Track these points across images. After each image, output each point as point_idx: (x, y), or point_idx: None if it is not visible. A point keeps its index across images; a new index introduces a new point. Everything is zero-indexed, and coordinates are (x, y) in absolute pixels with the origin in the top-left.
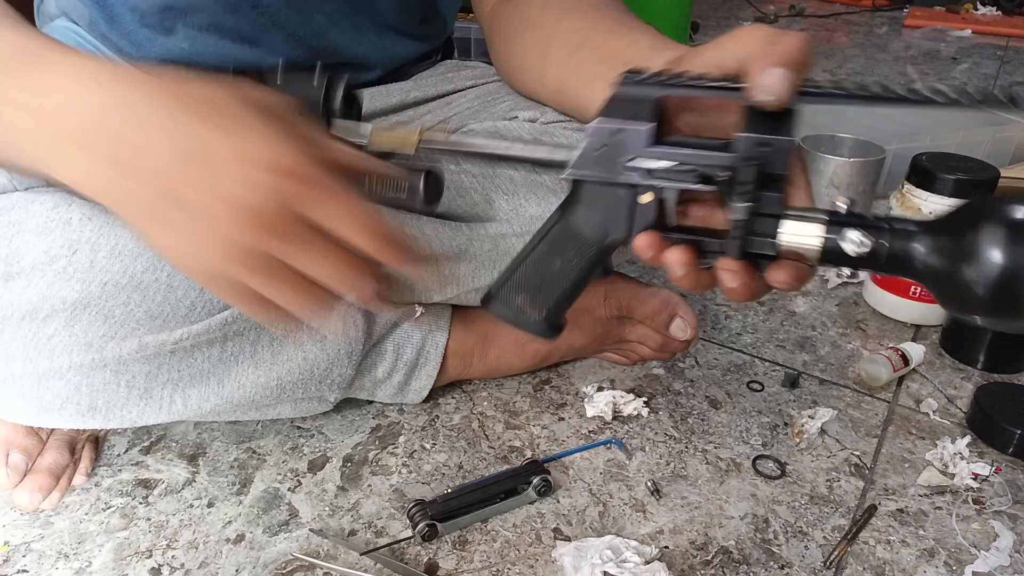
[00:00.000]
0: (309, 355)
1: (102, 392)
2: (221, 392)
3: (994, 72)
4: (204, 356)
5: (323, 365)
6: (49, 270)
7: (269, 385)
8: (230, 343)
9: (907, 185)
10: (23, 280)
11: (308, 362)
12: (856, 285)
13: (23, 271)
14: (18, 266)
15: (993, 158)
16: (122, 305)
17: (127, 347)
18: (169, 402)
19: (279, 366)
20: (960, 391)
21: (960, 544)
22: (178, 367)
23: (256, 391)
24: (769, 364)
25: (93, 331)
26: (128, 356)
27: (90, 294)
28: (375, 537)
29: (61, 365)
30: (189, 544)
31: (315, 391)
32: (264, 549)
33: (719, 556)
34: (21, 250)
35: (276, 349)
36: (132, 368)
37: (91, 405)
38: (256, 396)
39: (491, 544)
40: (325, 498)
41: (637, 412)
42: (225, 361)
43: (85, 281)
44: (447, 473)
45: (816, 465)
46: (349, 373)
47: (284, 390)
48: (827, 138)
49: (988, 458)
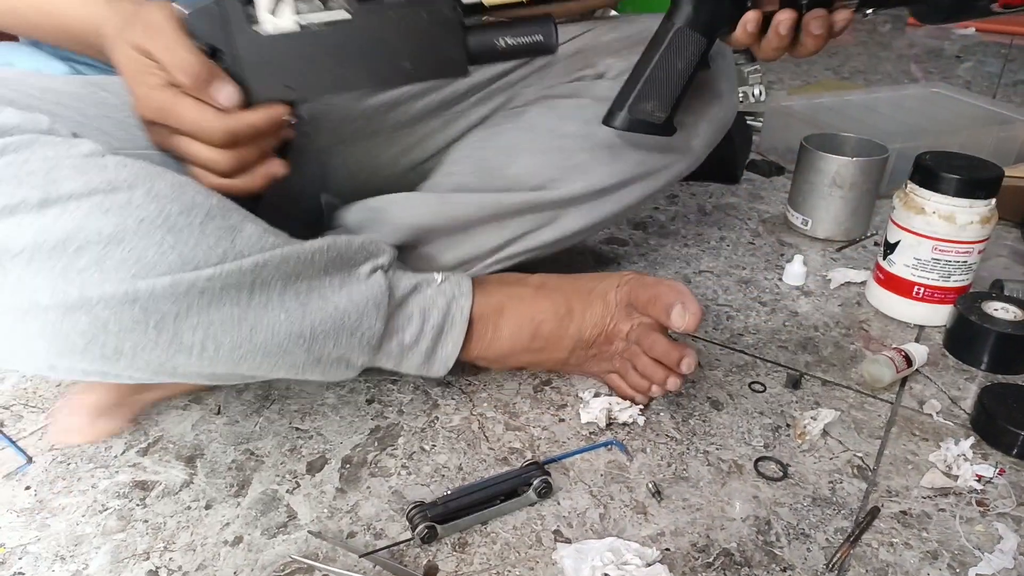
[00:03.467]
0: (340, 304)
1: (130, 332)
2: (254, 339)
3: (998, 70)
4: (233, 301)
5: (353, 316)
6: (86, 202)
7: (302, 334)
8: (257, 292)
9: (910, 184)
10: (58, 208)
11: (338, 311)
12: (859, 286)
13: (60, 199)
14: (55, 194)
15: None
16: (156, 245)
17: (159, 283)
18: (200, 347)
19: (309, 315)
20: (964, 392)
21: (964, 546)
22: (207, 309)
23: (288, 340)
24: (771, 365)
25: (125, 269)
26: (160, 292)
27: (126, 229)
28: (374, 539)
29: (91, 296)
30: (187, 546)
31: (345, 346)
32: (262, 551)
33: (721, 558)
34: (59, 180)
35: (304, 300)
36: (162, 306)
37: (117, 347)
38: (287, 345)
39: (491, 546)
40: (324, 500)
41: (632, 420)
42: (255, 307)
43: (122, 215)
44: (447, 475)
45: (818, 467)
46: (379, 327)
47: (316, 340)
48: (830, 137)
49: (992, 460)
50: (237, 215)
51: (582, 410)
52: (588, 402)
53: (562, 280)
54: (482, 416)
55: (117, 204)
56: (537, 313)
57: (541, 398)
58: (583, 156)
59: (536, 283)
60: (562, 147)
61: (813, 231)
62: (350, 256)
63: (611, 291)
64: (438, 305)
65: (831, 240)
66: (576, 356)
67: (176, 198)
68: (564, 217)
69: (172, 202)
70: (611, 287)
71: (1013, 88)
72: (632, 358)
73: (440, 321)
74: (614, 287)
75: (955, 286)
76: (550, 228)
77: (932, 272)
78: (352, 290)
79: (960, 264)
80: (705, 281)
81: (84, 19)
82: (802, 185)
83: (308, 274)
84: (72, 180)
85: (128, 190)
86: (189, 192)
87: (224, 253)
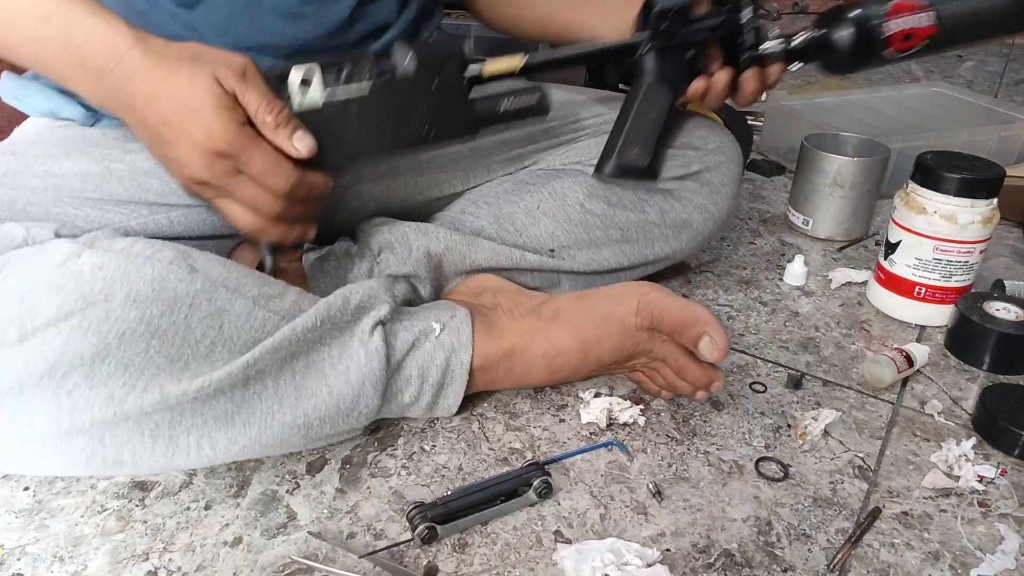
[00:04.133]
0: (334, 388)
1: (126, 444)
2: (248, 433)
3: (1000, 70)
4: (227, 398)
5: (348, 398)
6: (64, 326)
7: (295, 423)
8: (252, 383)
9: (912, 184)
10: (38, 339)
11: (333, 396)
12: (860, 286)
13: (38, 330)
14: (32, 326)
15: (999, 157)
16: (141, 353)
17: (148, 398)
18: (196, 448)
19: (304, 401)
20: (965, 392)
21: (965, 547)
22: (201, 411)
23: (283, 430)
24: (772, 365)
25: (113, 382)
26: (150, 407)
27: (107, 346)
28: (374, 540)
29: (83, 422)
30: (186, 547)
31: (342, 425)
32: (262, 552)
33: (721, 559)
34: (34, 309)
35: (299, 383)
36: (155, 417)
37: (116, 458)
38: (283, 435)
39: (491, 547)
40: (323, 500)
41: (633, 420)
42: (248, 400)
43: (101, 333)
44: (447, 475)
45: (819, 467)
46: (376, 403)
47: (311, 428)
48: (831, 137)
49: (994, 460)
50: (224, 294)
51: (582, 410)
52: (588, 402)
53: (576, 306)
54: (482, 416)
55: (95, 321)
56: (552, 348)
57: (541, 398)
58: (599, 234)
59: (549, 313)
60: (584, 222)
61: (814, 231)
62: (347, 319)
63: (630, 317)
64: (437, 362)
65: (832, 240)
66: (595, 373)
67: (156, 297)
68: (563, 282)
69: (152, 303)
70: (630, 312)
71: (1015, 87)
72: (659, 368)
73: (440, 378)
74: (633, 312)
75: (956, 286)
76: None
77: (933, 272)
78: (350, 363)
79: (961, 264)
80: (706, 281)
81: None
82: (803, 185)
83: (303, 351)
84: (47, 305)
85: (105, 302)
86: (171, 282)
87: (212, 344)
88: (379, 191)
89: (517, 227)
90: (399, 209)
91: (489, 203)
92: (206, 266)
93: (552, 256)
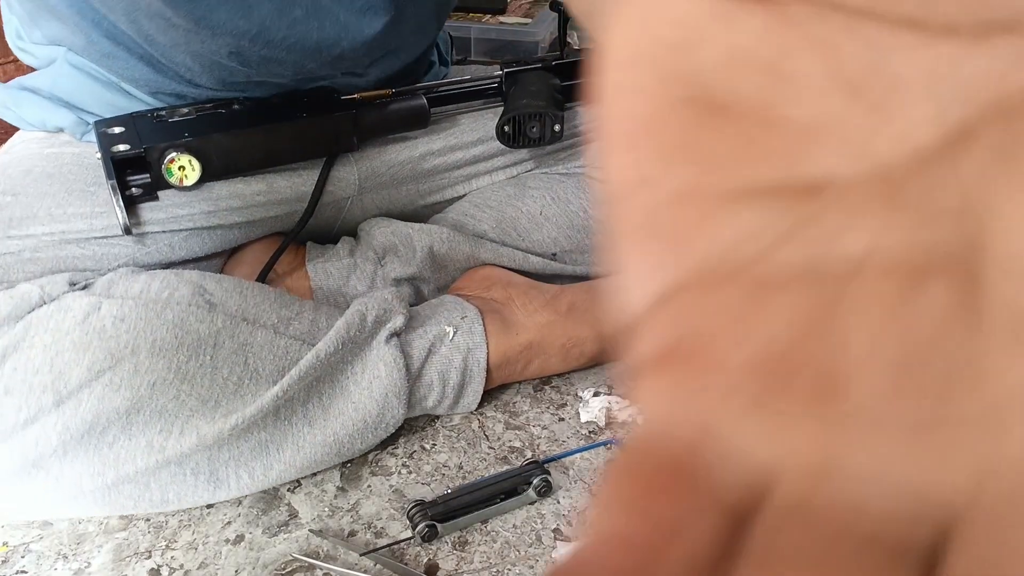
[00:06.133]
0: (359, 404)
1: (171, 485)
2: (282, 458)
3: None
4: (259, 428)
5: (374, 412)
6: (97, 385)
7: (326, 442)
8: (282, 411)
9: None
10: (74, 401)
11: (359, 411)
12: None
13: (72, 393)
14: (66, 390)
15: None
16: (173, 399)
17: (186, 442)
18: (236, 479)
19: (332, 420)
20: None
21: None
22: (236, 444)
23: (315, 450)
24: None
25: (151, 430)
26: (189, 449)
27: (140, 398)
28: (375, 538)
29: (128, 471)
30: (188, 545)
31: (372, 438)
32: (264, 550)
33: None
34: (65, 372)
35: (326, 404)
36: (194, 457)
37: (163, 498)
38: (316, 456)
39: (491, 545)
40: (324, 499)
41: (632, 418)
42: (280, 427)
43: (133, 387)
44: (447, 473)
45: None
46: (401, 412)
47: (342, 445)
48: None
49: None
50: (245, 328)
51: (582, 409)
52: (588, 401)
53: (589, 297)
54: (482, 415)
55: (126, 376)
56: (569, 340)
57: (541, 397)
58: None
59: (564, 307)
60: (588, 227)
61: None
62: (366, 336)
63: None
64: (455, 364)
65: None
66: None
67: (180, 343)
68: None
69: (178, 350)
70: None
71: None
72: None
73: (459, 379)
74: None
75: None
76: None
77: None
78: (372, 378)
79: None
80: None
81: None
82: None
83: (327, 373)
84: (77, 366)
85: (132, 356)
86: (192, 325)
87: (239, 379)
88: (381, 199)
89: (519, 232)
90: (400, 215)
91: (491, 207)
92: (223, 299)
93: (554, 259)
